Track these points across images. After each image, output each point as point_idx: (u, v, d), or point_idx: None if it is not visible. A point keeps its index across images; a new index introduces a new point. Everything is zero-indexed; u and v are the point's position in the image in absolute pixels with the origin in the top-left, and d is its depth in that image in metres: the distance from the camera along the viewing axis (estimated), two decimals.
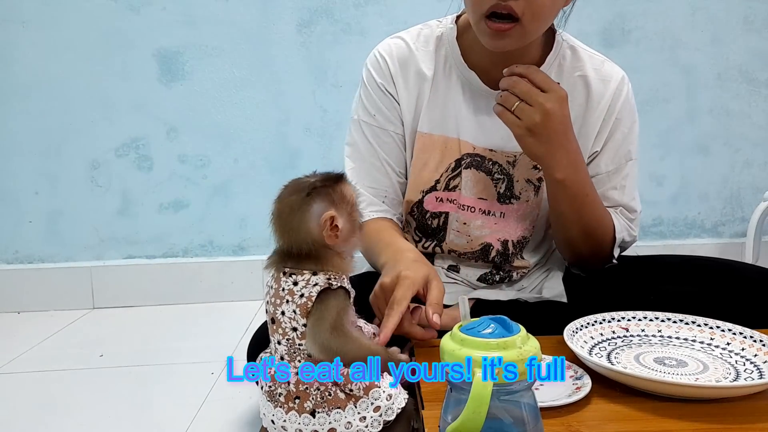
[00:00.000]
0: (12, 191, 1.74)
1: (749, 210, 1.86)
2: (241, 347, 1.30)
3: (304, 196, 0.69)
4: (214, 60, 1.73)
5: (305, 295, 0.67)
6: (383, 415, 0.66)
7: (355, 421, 0.66)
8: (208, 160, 1.78)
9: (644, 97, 1.82)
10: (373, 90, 1.02)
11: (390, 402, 0.66)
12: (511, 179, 1.00)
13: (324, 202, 0.68)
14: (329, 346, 0.66)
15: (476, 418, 0.52)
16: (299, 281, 0.68)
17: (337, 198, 0.69)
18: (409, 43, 1.02)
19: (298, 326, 0.67)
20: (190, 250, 1.81)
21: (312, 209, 0.68)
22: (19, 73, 1.69)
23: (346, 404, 0.66)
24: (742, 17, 1.84)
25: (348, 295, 0.70)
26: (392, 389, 0.67)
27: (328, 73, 1.77)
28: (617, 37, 1.82)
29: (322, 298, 0.67)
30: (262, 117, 1.77)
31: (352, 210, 0.72)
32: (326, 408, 0.66)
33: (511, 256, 1.04)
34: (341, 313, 0.68)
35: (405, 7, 1.74)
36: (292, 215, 0.69)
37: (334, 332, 0.67)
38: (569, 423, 0.65)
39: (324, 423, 0.66)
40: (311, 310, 0.67)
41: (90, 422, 1.08)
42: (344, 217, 0.70)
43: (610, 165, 1.01)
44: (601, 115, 0.99)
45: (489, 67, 0.97)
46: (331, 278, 0.68)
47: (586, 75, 0.99)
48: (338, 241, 0.69)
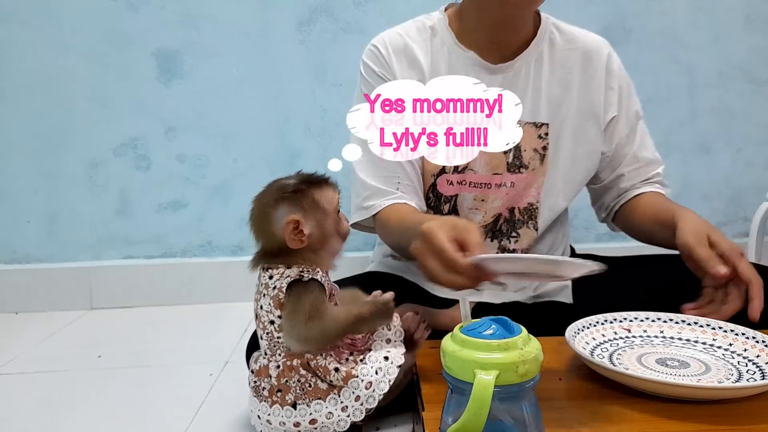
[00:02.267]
0: (10, 191, 1.73)
1: (751, 210, 1.85)
2: (240, 348, 1.29)
3: (272, 200, 0.71)
4: (213, 59, 1.73)
5: (277, 287, 0.68)
6: (364, 404, 0.66)
7: (337, 411, 0.66)
8: (207, 160, 1.77)
9: (645, 96, 1.80)
10: (373, 80, 1.04)
11: (370, 390, 0.66)
12: (518, 148, 1.04)
13: (289, 207, 0.70)
14: (307, 336, 0.67)
15: (477, 419, 0.51)
16: (274, 275, 0.70)
17: (307, 203, 0.71)
18: (402, 33, 1.05)
19: (275, 318, 0.69)
20: (189, 251, 1.80)
21: (277, 213, 0.70)
22: (17, 72, 1.68)
23: (327, 395, 0.67)
24: (744, 16, 1.84)
25: (323, 288, 0.70)
26: (373, 377, 0.67)
27: (328, 72, 1.76)
28: (618, 36, 1.81)
29: (295, 290, 0.68)
30: (262, 116, 1.77)
31: (325, 216, 0.72)
32: (306, 399, 0.67)
33: (518, 222, 1.06)
34: (315, 302, 0.68)
35: (405, 6, 1.73)
36: (261, 217, 0.72)
37: (309, 321, 0.67)
38: (570, 424, 0.64)
39: (305, 414, 0.66)
40: (284, 303, 0.68)
41: (88, 423, 1.07)
42: (312, 222, 0.70)
43: (626, 128, 1.09)
44: (601, 81, 1.06)
45: (486, 46, 1.02)
46: (303, 271, 0.69)
47: (577, 47, 1.06)
48: (304, 245, 0.70)
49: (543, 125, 1.04)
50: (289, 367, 0.68)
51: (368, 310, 0.70)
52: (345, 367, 0.68)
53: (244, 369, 0.98)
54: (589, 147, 1.06)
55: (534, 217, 1.06)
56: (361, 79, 1.06)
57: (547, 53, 1.04)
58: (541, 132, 1.03)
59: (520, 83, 1.02)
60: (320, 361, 0.68)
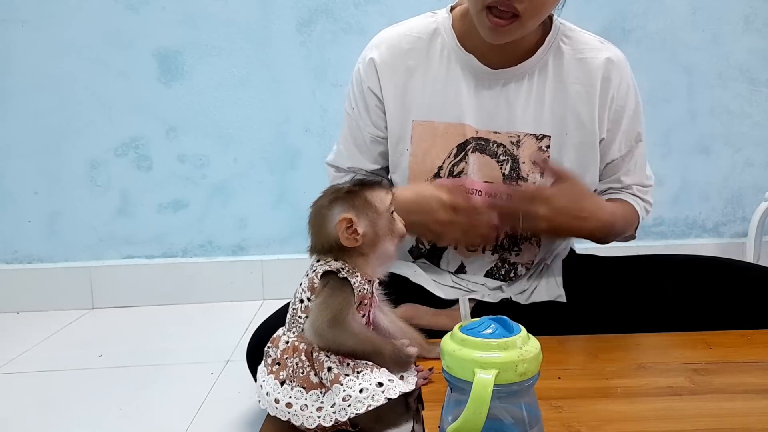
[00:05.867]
0: (11, 191, 1.73)
1: (750, 210, 1.85)
2: (241, 347, 1.30)
3: (327, 202, 0.73)
4: (213, 59, 1.73)
5: (316, 269, 0.71)
6: (336, 414, 0.67)
7: (311, 406, 0.67)
8: (207, 160, 1.77)
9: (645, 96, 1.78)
10: (356, 86, 1.05)
11: (345, 404, 0.66)
12: (516, 160, 1.00)
13: (343, 206, 0.72)
14: (324, 336, 0.69)
15: (477, 418, 0.51)
16: (321, 260, 0.73)
17: (359, 203, 0.73)
18: (403, 34, 1.02)
19: (303, 298, 0.71)
20: (190, 250, 1.81)
21: (332, 213, 0.72)
22: (18, 72, 1.68)
23: (312, 388, 0.68)
24: (743, 17, 1.84)
25: (353, 294, 0.70)
26: (353, 393, 0.67)
27: (328, 73, 1.76)
28: (618, 37, 1.81)
29: (330, 283, 0.70)
30: (262, 117, 1.77)
31: (377, 215, 0.74)
32: (294, 383, 0.69)
33: (520, 238, 1.03)
34: (344, 306, 0.70)
35: (405, 6, 1.73)
36: (317, 218, 0.74)
37: (332, 323, 0.69)
38: (569, 423, 0.65)
39: (286, 395, 0.69)
40: (317, 291, 0.70)
41: (89, 422, 1.07)
42: (366, 222, 0.72)
43: (623, 149, 1.03)
44: (596, 98, 1.00)
45: (487, 51, 0.98)
46: (343, 268, 0.71)
47: (585, 58, 1.00)
48: (358, 244, 0.72)
49: (545, 137, 0.99)
50: (294, 348, 0.70)
51: (389, 351, 0.70)
52: (339, 370, 0.68)
53: (245, 368, 0.98)
54: (591, 162, 1.02)
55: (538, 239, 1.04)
56: (351, 81, 1.07)
57: (552, 62, 0.99)
58: (542, 144, 0.99)
59: (522, 93, 0.99)
60: (321, 356, 0.68)
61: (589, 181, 1.03)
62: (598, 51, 1.01)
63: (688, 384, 0.73)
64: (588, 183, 1.03)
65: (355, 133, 1.06)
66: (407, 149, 1.01)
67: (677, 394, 0.71)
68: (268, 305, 1.71)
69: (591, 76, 0.99)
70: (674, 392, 0.71)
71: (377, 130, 1.04)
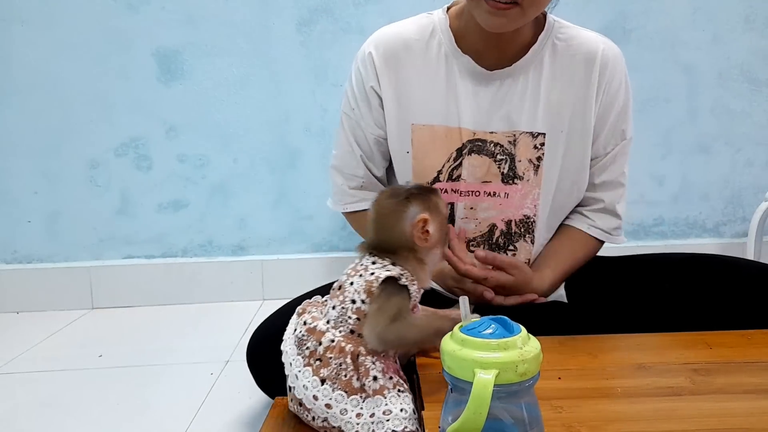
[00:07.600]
0: (11, 191, 1.73)
1: (750, 210, 1.85)
2: (241, 347, 1.30)
3: (402, 200, 0.74)
4: (213, 59, 1.73)
5: (375, 274, 0.70)
6: (375, 425, 0.66)
7: (352, 412, 0.67)
8: (207, 160, 1.77)
9: (645, 96, 1.81)
10: (357, 86, 1.05)
11: (385, 417, 0.66)
12: (513, 159, 1.01)
13: (420, 206, 0.74)
14: (386, 337, 0.68)
15: (477, 418, 0.51)
16: (378, 262, 0.72)
17: (432, 206, 0.75)
18: (400, 34, 1.03)
19: (357, 299, 0.70)
20: (190, 250, 1.81)
21: (408, 211, 0.73)
22: (17, 72, 1.68)
23: (354, 393, 0.67)
24: (743, 16, 1.84)
25: (409, 298, 0.71)
26: (396, 411, 0.67)
27: (328, 73, 1.76)
28: (618, 36, 1.81)
29: (388, 288, 0.70)
30: (262, 116, 1.77)
31: (444, 221, 0.76)
32: (335, 384, 0.68)
33: (515, 236, 1.04)
34: (401, 306, 0.70)
35: (405, 6, 1.73)
36: (389, 215, 0.74)
37: (392, 323, 0.69)
38: (570, 423, 0.65)
39: (326, 396, 0.68)
40: (375, 296, 0.70)
41: (89, 422, 1.07)
42: (436, 224, 0.74)
43: (608, 146, 1.04)
44: (599, 92, 1.00)
45: (482, 50, 0.99)
46: (404, 275, 0.71)
47: (580, 53, 1.00)
48: (427, 245, 0.73)
49: (539, 135, 1.00)
50: (341, 348, 0.69)
51: (449, 326, 0.70)
52: (383, 382, 0.68)
53: (245, 368, 0.98)
54: (586, 159, 1.03)
55: (531, 231, 1.04)
56: (350, 76, 1.07)
57: (548, 59, 0.99)
58: (537, 142, 1.00)
59: (517, 91, 0.99)
60: (367, 361, 0.68)
61: (583, 178, 1.04)
62: (593, 44, 1.01)
63: (688, 384, 0.73)
64: (582, 181, 1.04)
65: (357, 134, 1.06)
66: (408, 152, 1.02)
67: (678, 395, 0.71)
68: (268, 305, 1.71)
69: (585, 70, 1.00)
70: (675, 392, 0.71)
71: (380, 130, 1.04)
